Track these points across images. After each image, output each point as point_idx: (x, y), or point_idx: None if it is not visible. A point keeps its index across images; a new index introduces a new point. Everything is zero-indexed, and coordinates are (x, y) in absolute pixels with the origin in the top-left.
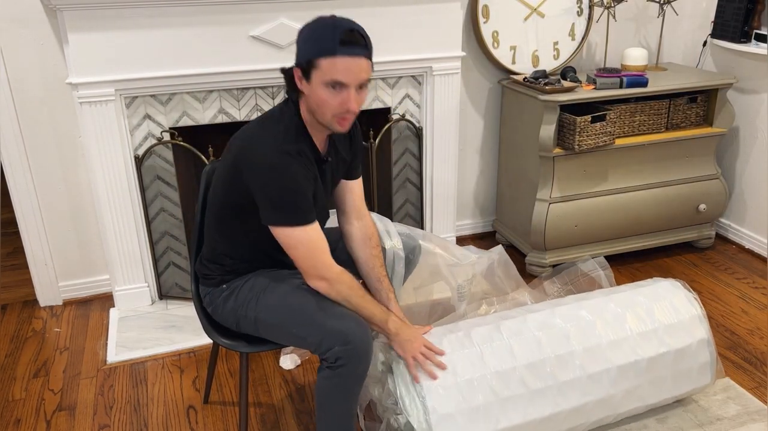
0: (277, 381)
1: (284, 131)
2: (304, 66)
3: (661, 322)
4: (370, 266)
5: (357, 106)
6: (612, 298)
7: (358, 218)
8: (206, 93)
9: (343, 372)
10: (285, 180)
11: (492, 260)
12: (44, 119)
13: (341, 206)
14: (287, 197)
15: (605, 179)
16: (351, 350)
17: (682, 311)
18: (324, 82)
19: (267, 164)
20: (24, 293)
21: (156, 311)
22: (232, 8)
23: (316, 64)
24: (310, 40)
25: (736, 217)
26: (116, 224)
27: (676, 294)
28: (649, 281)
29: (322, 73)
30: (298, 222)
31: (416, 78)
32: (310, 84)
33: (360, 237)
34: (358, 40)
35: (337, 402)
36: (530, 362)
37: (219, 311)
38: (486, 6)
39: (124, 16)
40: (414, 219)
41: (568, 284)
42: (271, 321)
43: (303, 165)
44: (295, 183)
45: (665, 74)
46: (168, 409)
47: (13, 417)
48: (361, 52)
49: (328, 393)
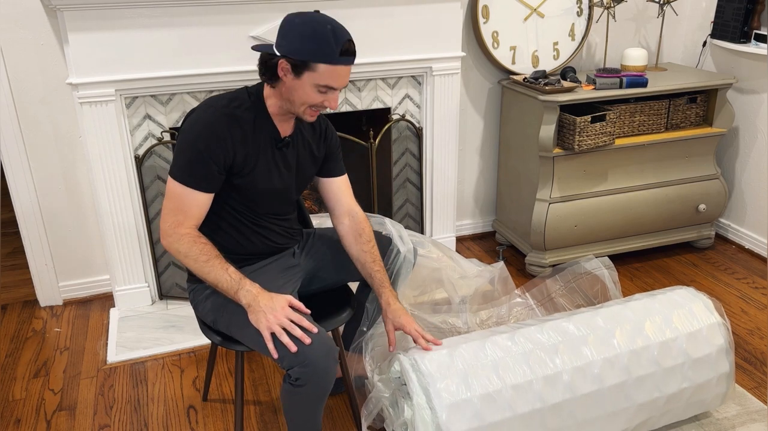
0: (276, 380)
1: (236, 99)
2: (296, 63)
3: (681, 331)
4: (361, 262)
5: None
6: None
7: (348, 215)
8: (206, 93)
9: (303, 391)
10: (194, 131)
11: (493, 275)
12: (44, 119)
13: (330, 205)
14: (187, 150)
15: (605, 179)
16: (310, 372)
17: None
18: (316, 85)
19: (191, 119)
20: (24, 293)
21: (156, 311)
22: (232, 8)
23: (314, 67)
24: (311, 41)
25: (736, 217)
26: (116, 224)
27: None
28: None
29: (317, 77)
30: (179, 178)
31: (416, 78)
32: (298, 80)
33: (350, 234)
34: (353, 50)
35: (301, 414)
36: (546, 375)
37: (200, 309)
38: (486, 6)
39: (125, 16)
40: (414, 219)
41: (570, 282)
42: (241, 331)
43: (227, 122)
44: (204, 147)
45: (665, 74)
46: (168, 409)
47: (13, 417)
48: (353, 60)
49: (292, 405)
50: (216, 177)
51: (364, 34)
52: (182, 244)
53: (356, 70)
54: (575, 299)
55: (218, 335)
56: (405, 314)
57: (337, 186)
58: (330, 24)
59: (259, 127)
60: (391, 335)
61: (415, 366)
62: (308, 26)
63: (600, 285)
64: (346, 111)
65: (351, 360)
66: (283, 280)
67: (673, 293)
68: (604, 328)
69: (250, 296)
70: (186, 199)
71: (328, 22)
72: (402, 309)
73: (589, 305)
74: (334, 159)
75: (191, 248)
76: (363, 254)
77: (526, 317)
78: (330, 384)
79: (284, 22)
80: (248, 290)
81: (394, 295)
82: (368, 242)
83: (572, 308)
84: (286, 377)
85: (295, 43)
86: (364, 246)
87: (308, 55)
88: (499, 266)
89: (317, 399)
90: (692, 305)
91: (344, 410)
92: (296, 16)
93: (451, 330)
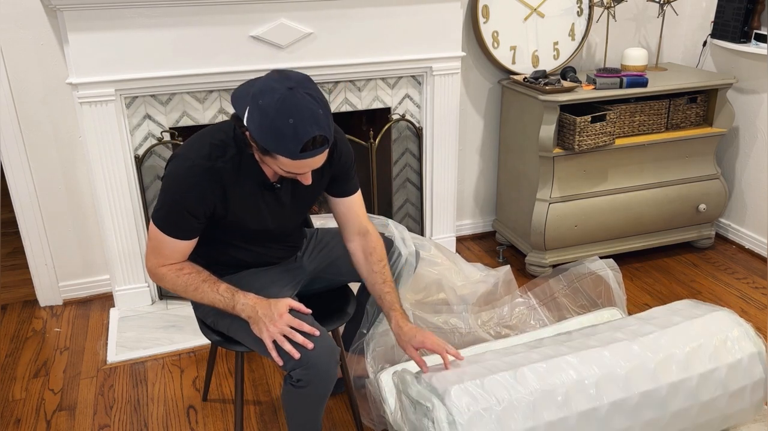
0: (276, 380)
1: (220, 146)
2: (259, 146)
3: (723, 362)
4: (370, 282)
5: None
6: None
7: (359, 233)
8: (206, 93)
9: (304, 392)
10: (176, 193)
11: (497, 279)
12: (44, 119)
13: (340, 223)
14: (167, 203)
15: (605, 179)
16: (312, 374)
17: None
18: (282, 169)
19: (170, 173)
20: (24, 293)
21: (156, 311)
22: (232, 8)
23: (276, 156)
24: (270, 134)
25: (736, 217)
26: (116, 224)
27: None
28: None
29: (281, 164)
30: (163, 229)
31: (416, 78)
32: (266, 157)
33: (360, 254)
34: (320, 142)
35: (302, 414)
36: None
37: (200, 309)
38: (486, 6)
39: (125, 16)
40: (414, 219)
41: (574, 282)
42: (242, 332)
43: (208, 179)
44: (182, 200)
45: (665, 74)
46: (168, 409)
47: (13, 417)
48: (322, 150)
49: (293, 406)
50: (196, 227)
51: (364, 34)
52: (167, 281)
53: (356, 70)
54: (578, 299)
55: (218, 335)
56: (420, 332)
57: (349, 205)
58: (293, 118)
59: (245, 174)
60: (418, 358)
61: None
62: (268, 118)
63: (603, 286)
64: (346, 111)
65: (351, 361)
66: (285, 280)
67: (713, 319)
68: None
69: (248, 309)
70: (166, 244)
71: (290, 116)
72: (415, 328)
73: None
74: (346, 179)
75: (176, 282)
76: (373, 275)
77: (528, 318)
78: (331, 385)
79: (248, 97)
80: (244, 303)
81: (405, 317)
82: (379, 261)
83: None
84: (287, 378)
85: (257, 130)
86: (374, 266)
87: (269, 146)
88: (504, 269)
89: (318, 400)
90: (732, 332)
91: (344, 410)
92: (260, 95)
93: (452, 331)
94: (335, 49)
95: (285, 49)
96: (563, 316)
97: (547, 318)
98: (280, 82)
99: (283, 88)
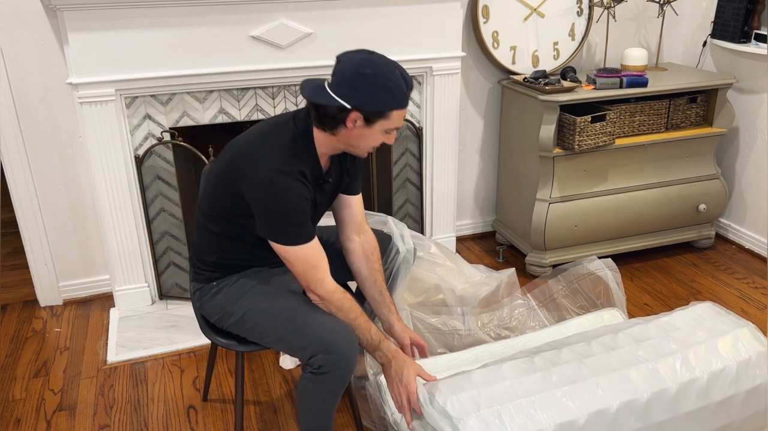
0: (276, 380)
1: (287, 149)
2: (370, 113)
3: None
4: (371, 280)
5: None
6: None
7: (359, 233)
8: (206, 93)
9: (326, 379)
10: (282, 200)
11: (500, 282)
12: (44, 119)
13: (341, 221)
14: (283, 217)
15: (605, 179)
16: (335, 359)
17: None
18: (386, 129)
19: (265, 181)
20: (24, 293)
21: (156, 311)
22: (232, 8)
23: (388, 115)
24: (387, 92)
25: (736, 217)
26: (116, 224)
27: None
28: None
29: (388, 122)
30: (293, 242)
31: (416, 78)
32: (368, 128)
33: (361, 253)
34: (411, 82)
35: (318, 405)
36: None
37: (206, 306)
38: (486, 6)
39: (125, 16)
40: (414, 219)
41: (573, 282)
42: (257, 322)
43: (302, 184)
44: (292, 203)
45: (665, 74)
46: (168, 409)
47: (14, 417)
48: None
49: (310, 396)
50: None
51: (364, 34)
52: (335, 300)
53: None
54: (578, 299)
55: (220, 335)
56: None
57: (351, 203)
58: (398, 69)
59: (306, 173)
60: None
61: None
62: (382, 77)
63: (603, 286)
64: None
65: None
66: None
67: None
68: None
69: (385, 359)
70: (307, 254)
71: (395, 67)
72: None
73: (592, 306)
74: (356, 178)
75: (343, 304)
76: (374, 273)
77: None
78: (351, 373)
79: (350, 73)
80: (384, 352)
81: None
82: (378, 260)
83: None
84: (305, 367)
85: (371, 96)
86: (375, 265)
87: (385, 105)
88: (508, 272)
89: (337, 389)
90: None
91: (344, 410)
92: (364, 66)
93: (451, 332)
94: (335, 49)
95: (285, 49)
96: (563, 317)
97: (547, 319)
98: (357, 54)
99: (366, 55)
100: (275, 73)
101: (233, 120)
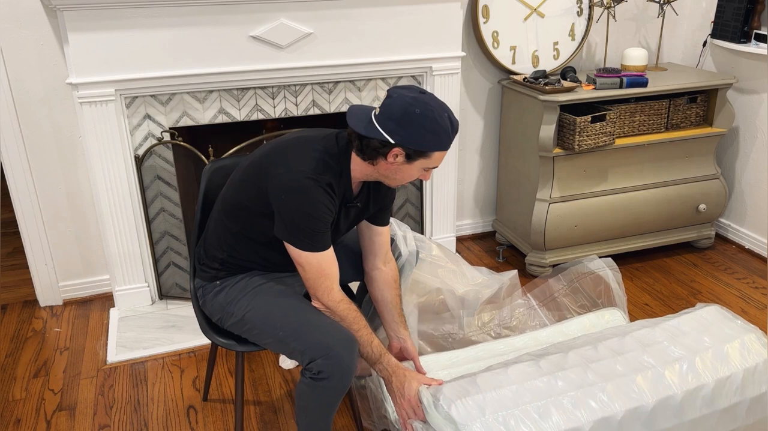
0: (276, 380)
1: (323, 162)
2: (412, 152)
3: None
4: (393, 305)
5: None
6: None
7: (385, 262)
8: (206, 93)
9: (324, 385)
10: (305, 205)
11: (502, 284)
12: (44, 119)
13: (368, 250)
14: (304, 223)
15: (605, 179)
16: (333, 365)
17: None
18: (425, 167)
19: (293, 184)
20: (24, 293)
21: (156, 311)
22: (232, 8)
23: (429, 155)
24: (434, 135)
25: (736, 217)
26: (116, 224)
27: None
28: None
29: (429, 162)
30: (309, 248)
31: (416, 78)
32: (407, 164)
33: (386, 281)
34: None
35: (317, 411)
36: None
37: (208, 305)
38: (486, 6)
39: (124, 16)
40: (414, 219)
41: (574, 281)
42: (257, 323)
43: (328, 195)
44: (314, 210)
45: (665, 74)
46: (168, 409)
47: (13, 417)
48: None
49: (308, 402)
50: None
51: (364, 33)
52: (340, 311)
53: (356, 70)
54: (578, 299)
55: (219, 335)
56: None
57: (380, 232)
58: (446, 112)
59: (333, 187)
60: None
61: None
62: (430, 120)
63: (603, 286)
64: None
65: None
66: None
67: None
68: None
69: (386, 373)
70: (321, 263)
71: (444, 110)
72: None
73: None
74: (387, 210)
75: (347, 315)
76: (396, 299)
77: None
78: (350, 379)
79: (399, 110)
80: (386, 366)
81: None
82: (399, 285)
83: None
84: (304, 372)
85: (417, 136)
86: (398, 291)
87: (429, 146)
88: (511, 275)
89: (336, 395)
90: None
91: (344, 410)
92: (414, 105)
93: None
94: (335, 49)
95: (285, 49)
96: (563, 316)
97: (547, 319)
98: (409, 92)
99: (417, 93)
100: (275, 73)
101: (233, 120)
